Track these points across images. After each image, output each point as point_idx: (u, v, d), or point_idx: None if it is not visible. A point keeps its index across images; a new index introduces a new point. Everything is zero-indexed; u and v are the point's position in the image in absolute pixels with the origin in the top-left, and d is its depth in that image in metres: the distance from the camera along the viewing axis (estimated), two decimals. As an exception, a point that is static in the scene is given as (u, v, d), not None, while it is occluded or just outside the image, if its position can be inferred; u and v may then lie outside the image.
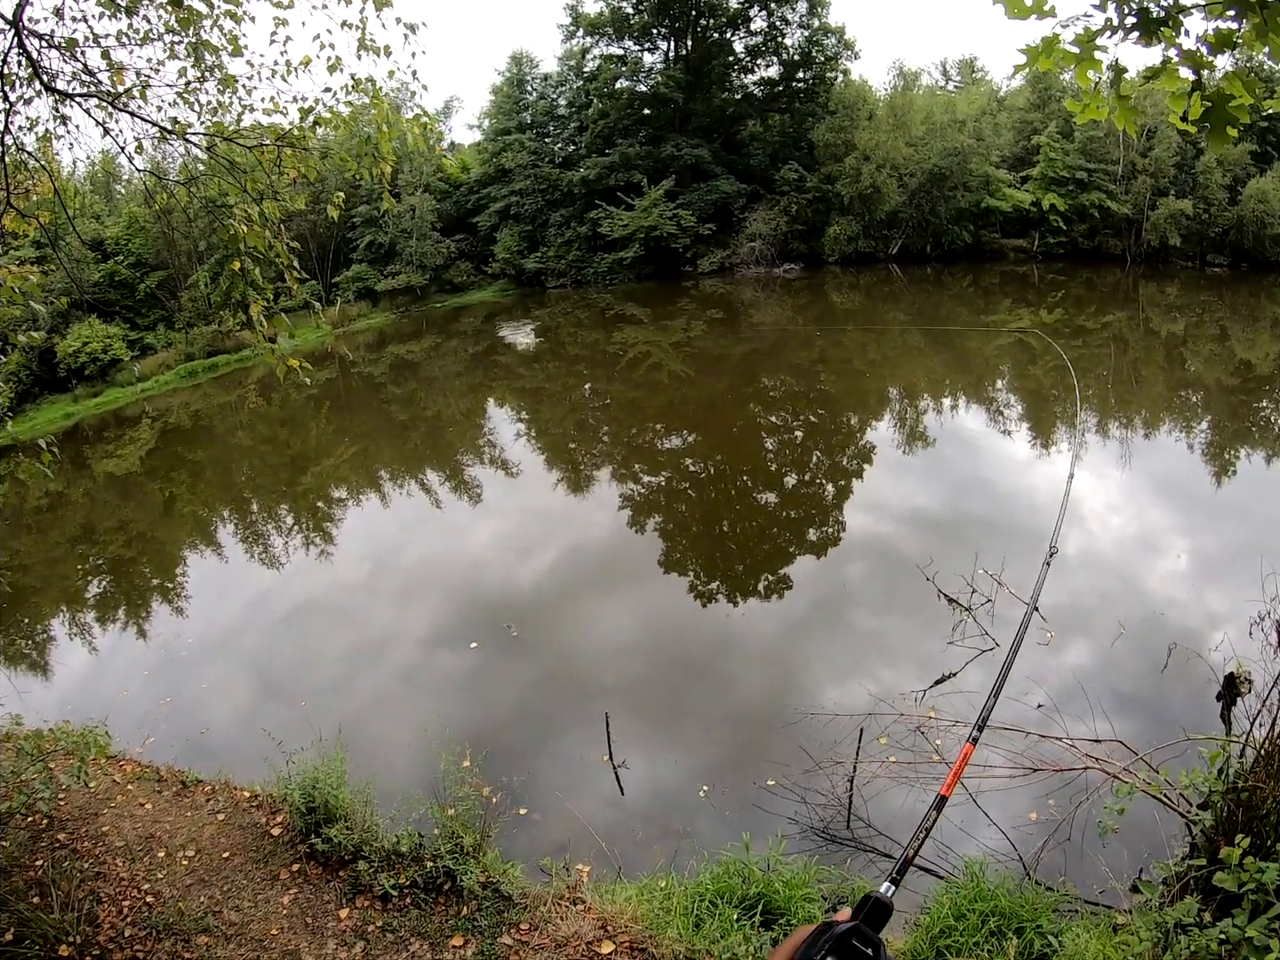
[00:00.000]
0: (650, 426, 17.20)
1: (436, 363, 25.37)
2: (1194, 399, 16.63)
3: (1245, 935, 3.77)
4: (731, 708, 7.75)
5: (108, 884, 5.15)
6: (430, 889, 4.96)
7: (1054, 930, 4.41)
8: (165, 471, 18.19)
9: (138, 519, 15.49)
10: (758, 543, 11.56)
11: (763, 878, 4.88)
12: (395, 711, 7.98)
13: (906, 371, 20.23)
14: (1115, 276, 26.19)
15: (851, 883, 5.22)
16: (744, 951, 4.24)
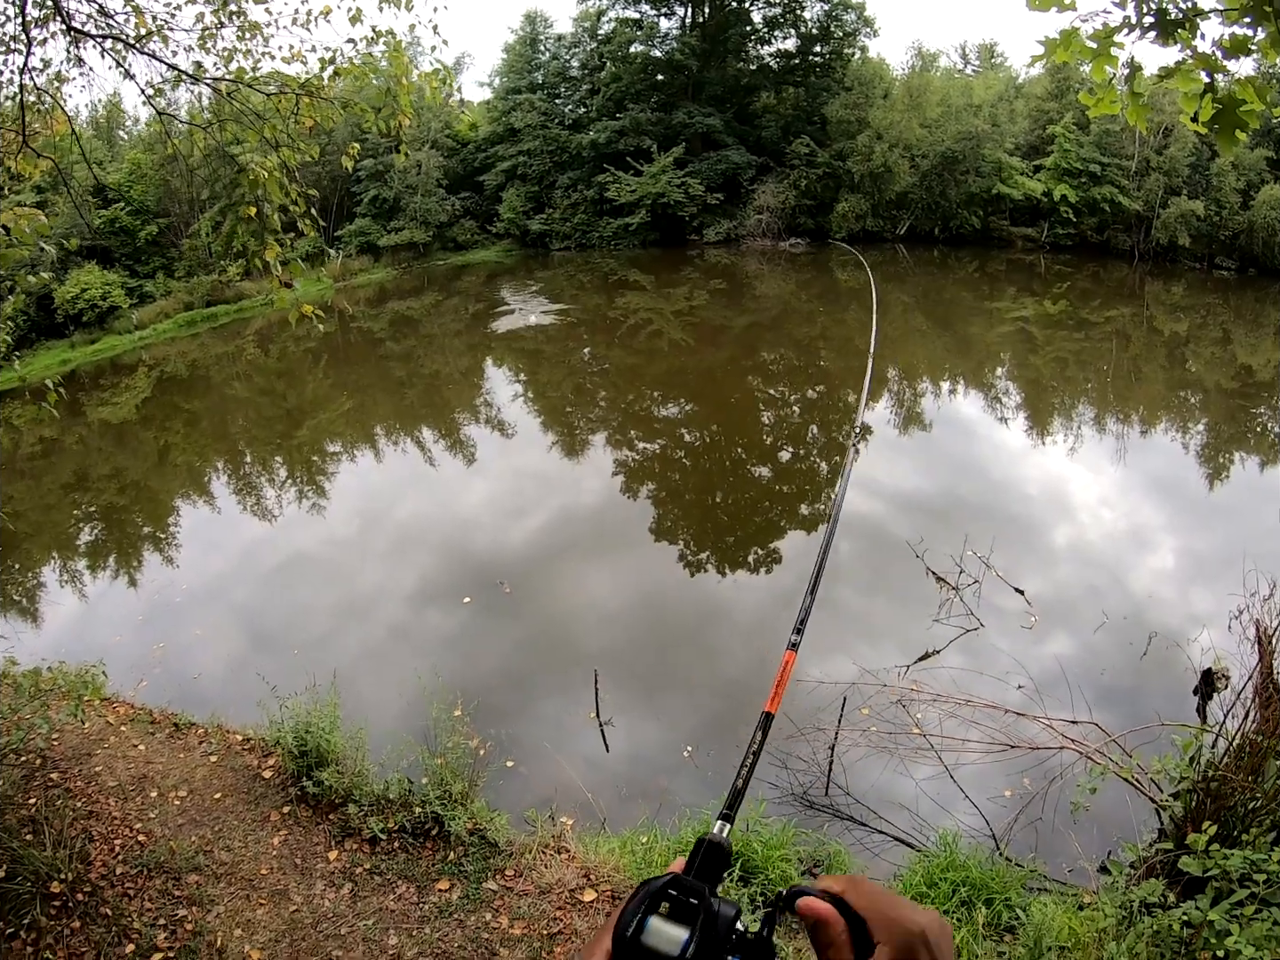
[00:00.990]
0: (648, 393, 17.24)
1: (436, 320, 25.27)
2: (1192, 400, 16.71)
3: (1207, 919, 3.92)
4: (716, 672, 7.92)
5: (100, 823, 5.26)
6: (418, 834, 5.11)
7: (1022, 904, 4.58)
8: (161, 420, 18.17)
9: (132, 467, 15.52)
10: (749, 515, 11.68)
11: (742, 838, 5.04)
12: (387, 661, 8.13)
13: (907, 353, 20.25)
14: (1122, 272, 26.13)
15: (828, 847, 5.39)
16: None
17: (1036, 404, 16.27)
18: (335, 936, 4.51)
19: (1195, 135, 24.45)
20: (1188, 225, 24.68)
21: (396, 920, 4.56)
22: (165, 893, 4.75)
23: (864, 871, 5.43)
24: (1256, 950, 3.63)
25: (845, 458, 3.63)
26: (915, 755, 6.25)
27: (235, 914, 4.64)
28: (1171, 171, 25.50)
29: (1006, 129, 30.22)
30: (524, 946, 4.36)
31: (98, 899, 4.63)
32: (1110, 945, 4.17)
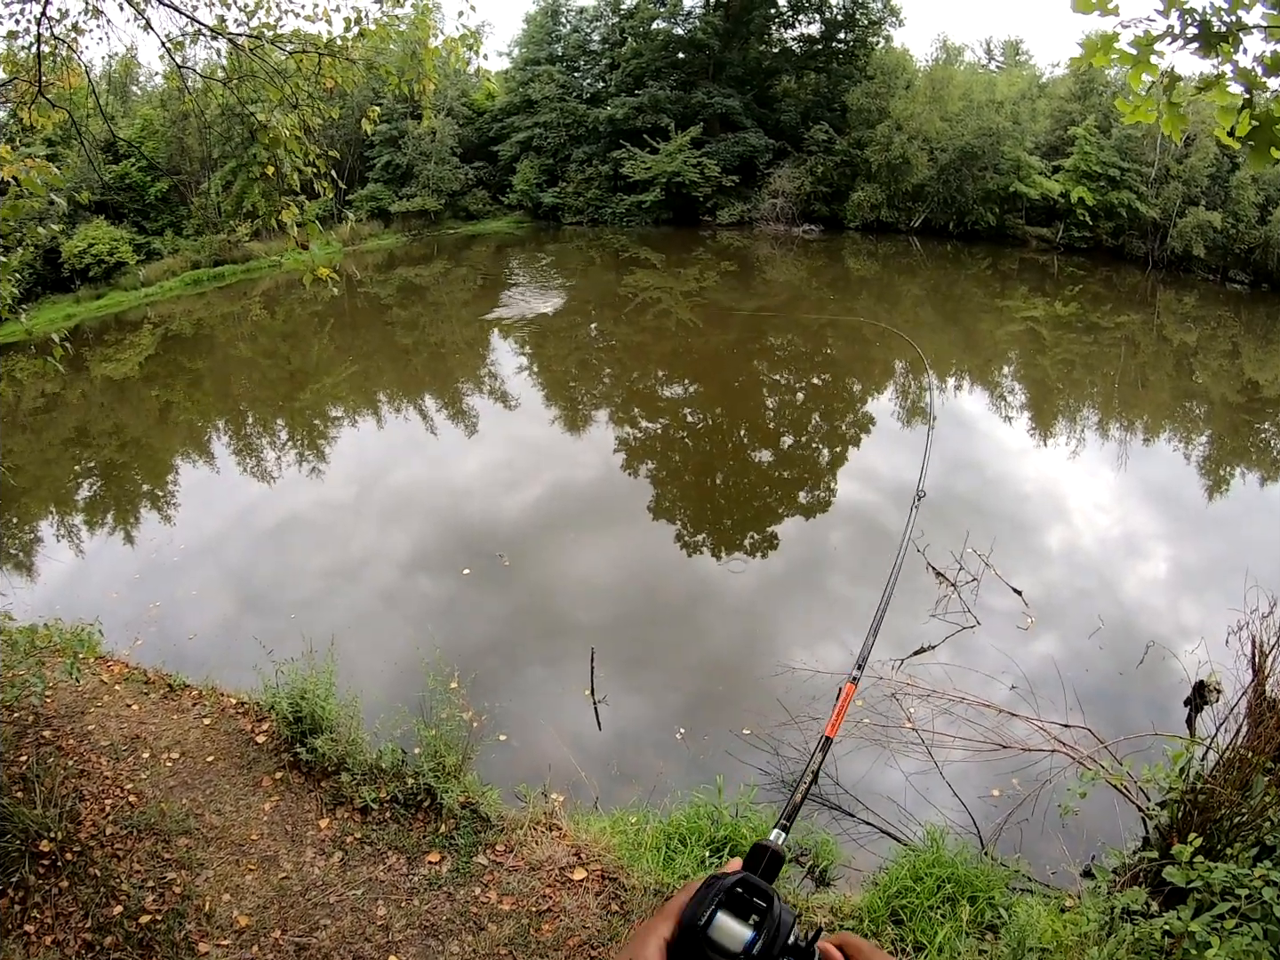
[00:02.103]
0: (653, 372, 17.17)
1: (444, 289, 25.12)
2: (1197, 411, 16.63)
3: (1188, 929, 3.92)
4: (712, 656, 7.93)
5: (91, 782, 5.26)
6: (410, 805, 5.12)
7: (1005, 903, 4.60)
8: (163, 378, 18.08)
9: (133, 424, 15.46)
10: (749, 499, 11.67)
11: (732, 822, 5.06)
12: (384, 629, 8.13)
13: (914, 347, 20.17)
14: (1135, 278, 25.94)
15: (815, 836, 5.41)
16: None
17: (1041, 405, 16.21)
18: (324, 905, 4.52)
19: (1217, 146, 24.21)
20: (1204, 236, 24.50)
21: (385, 891, 4.57)
22: (154, 855, 4.76)
23: (850, 861, 5.46)
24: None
25: (909, 515, 3.71)
26: (906, 749, 6.27)
27: (224, 879, 4.65)
28: (1191, 181, 25.29)
29: (1027, 127, 29.92)
30: (512, 922, 4.37)
31: (87, 859, 4.63)
32: (1092, 950, 4.19)
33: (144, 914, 4.36)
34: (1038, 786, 5.59)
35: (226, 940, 4.28)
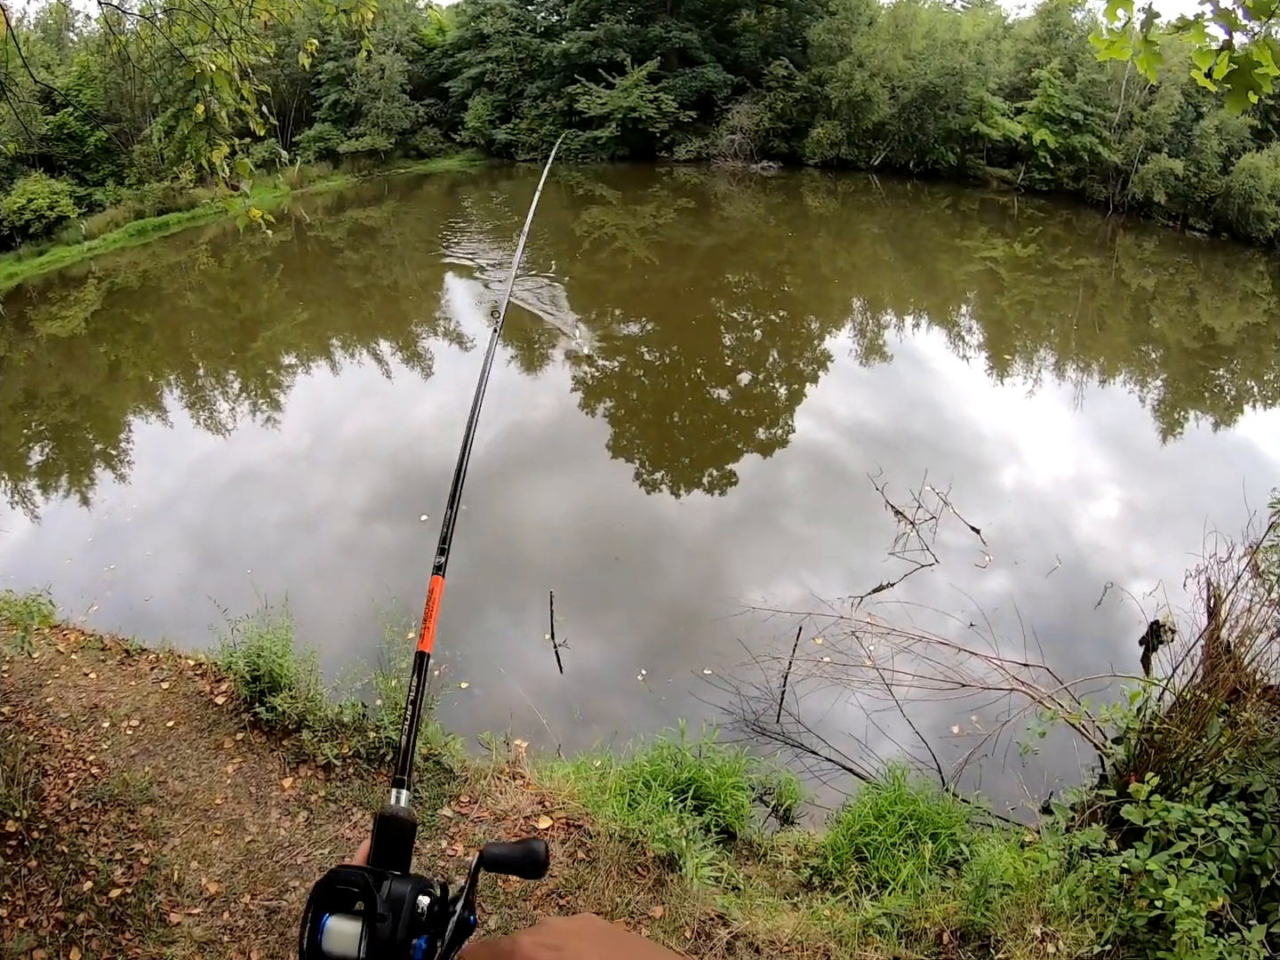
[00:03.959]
0: (609, 310, 16.85)
1: (396, 230, 24.33)
2: (1153, 355, 16.79)
3: (1146, 868, 4.00)
4: (672, 596, 7.92)
5: (53, 756, 5.10)
6: (372, 759, 5.05)
7: (966, 839, 4.68)
8: (111, 334, 17.38)
9: (82, 383, 14.87)
10: (707, 437, 11.61)
11: (695, 764, 5.05)
12: (341, 580, 8.01)
13: (873, 284, 20.01)
14: (1095, 222, 25.85)
15: (778, 775, 5.47)
16: (677, 834, 4.43)
17: (999, 345, 16.28)
18: (291, 866, 4.46)
19: (1181, 95, 24.12)
20: (1165, 183, 24.40)
21: (352, 848, 4.52)
22: (120, 826, 4.65)
23: (814, 799, 5.54)
24: (1193, 904, 3.71)
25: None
26: (867, 687, 6.33)
27: (191, 845, 4.56)
28: (1154, 128, 25.09)
29: (991, 68, 29.38)
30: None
31: (54, 836, 4.51)
32: (1052, 888, 4.26)
33: (114, 888, 4.26)
34: (998, 727, 5.64)
35: (197, 909, 4.21)
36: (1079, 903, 4.19)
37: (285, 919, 4.19)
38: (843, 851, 4.77)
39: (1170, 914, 3.77)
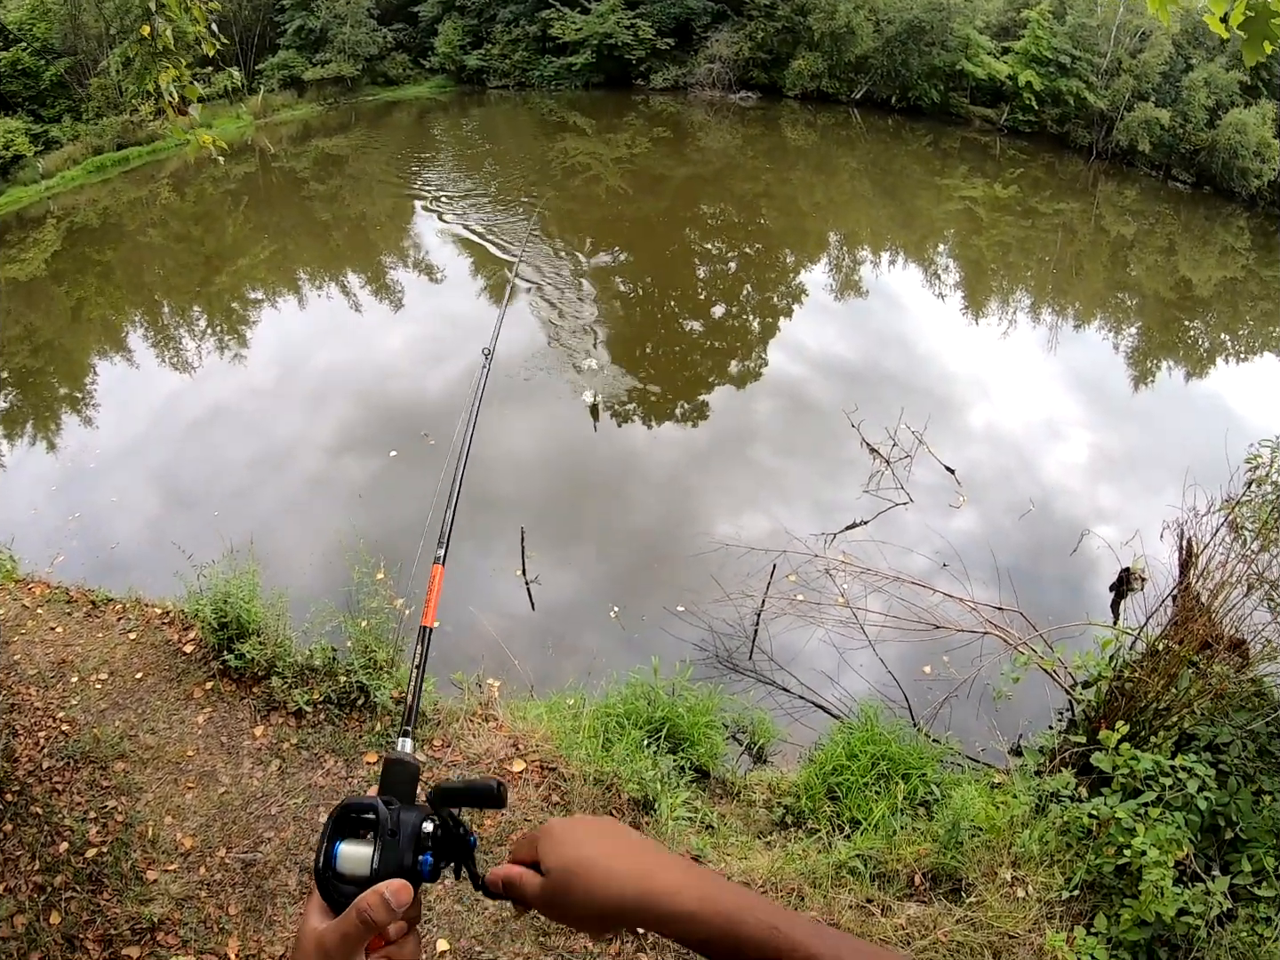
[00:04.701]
0: (581, 240, 16.37)
1: (363, 159, 23.40)
2: (1129, 303, 16.59)
3: (1115, 815, 4.03)
4: (644, 531, 7.84)
5: (23, 715, 4.96)
6: (344, 704, 4.95)
7: (937, 779, 4.69)
8: (72, 274, 16.65)
9: (44, 326, 14.30)
10: (679, 369, 11.40)
11: (668, 702, 5.02)
12: (307, 520, 7.84)
13: (850, 219, 19.58)
14: (1077, 167, 25.24)
15: (751, 714, 5.45)
16: (651, 776, 4.40)
17: (975, 285, 16.05)
18: (266, 817, 4.39)
19: (1172, 45, 23.46)
20: (1150, 132, 23.76)
21: (326, 796, 4.46)
22: (93, 784, 4.55)
23: (787, 737, 5.54)
24: (1160, 853, 3.73)
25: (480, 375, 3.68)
26: (840, 626, 6.30)
27: (164, 800, 4.48)
28: (1143, 76, 24.30)
29: (979, 5, 28.14)
30: (453, 818, 4.32)
31: (27, 798, 4.41)
32: (1023, 833, 4.28)
33: (90, 847, 4.19)
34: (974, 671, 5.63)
35: (174, 865, 4.15)
36: (1048, 848, 4.24)
37: (262, 871, 4.14)
38: (815, 791, 4.78)
39: (1137, 862, 3.80)
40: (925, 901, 4.12)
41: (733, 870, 4.18)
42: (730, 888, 0.78)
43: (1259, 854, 3.97)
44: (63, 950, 3.75)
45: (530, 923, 3.90)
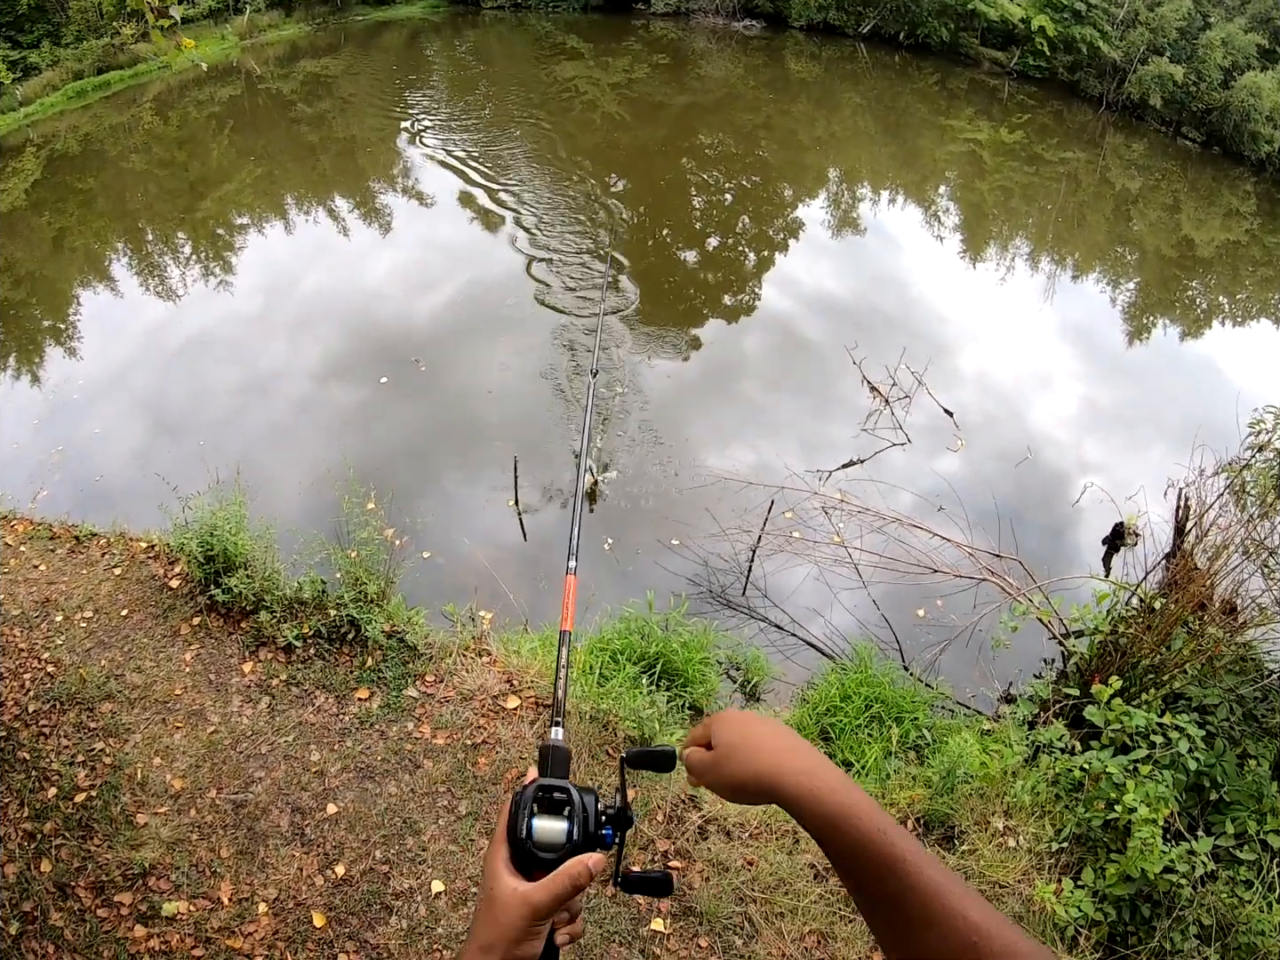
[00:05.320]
0: (576, 163, 15.76)
1: (352, 81, 22.45)
2: (1129, 257, 16.18)
3: (1106, 770, 4.02)
4: (640, 464, 7.62)
5: (7, 657, 4.81)
6: (334, 639, 4.82)
7: (928, 724, 4.63)
8: (54, 203, 15.96)
9: (25, 258, 13.74)
10: (673, 300, 11.06)
11: (662, 638, 4.92)
12: (296, 450, 7.64)
13: (851, 155, 18.96)
14: (1085, 117, 24.37)
15: (745, 650, 5.35)
16: (650, 715, 4.31)
17: (975, 229, 15.67)
18: (256, 756, 4.29)
19: (1191, 1, 22.68)
20: (1163, 88, 22.95)
21: (317, 734, 4.36)
22: (80, 726, 4.43)
23: (781, 675, 5.46)
24: (1149, 810, 3.73)
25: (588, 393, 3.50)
26: (834, 565, 6.18)
27: (153, 741, 4.36)
28: (1159, 30, 23.39)
29: None
30: (449, 757, 4.22)
31: (14, 742, 4.30)
32: (1015, 784, 4.27)
33: (79, 792, 4.10)
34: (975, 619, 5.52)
35: (164, 808, 4.06)
36: (1039, 799, 4.26)
37: (253, 812, 4.06)
38: (809, 732, 4.76)
39: (1125, 818, 3.81)
40: (919, 848, 4.09)
41: (729, 813, 4.15)
42: (854, 788, 0.82)
43: (1242, 816, 4.02)
44: (55, 899, 3.68)
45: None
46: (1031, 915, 3.86)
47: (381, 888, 3.76)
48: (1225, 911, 3.68)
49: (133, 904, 3.68)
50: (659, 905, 3.74)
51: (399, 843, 3.92)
